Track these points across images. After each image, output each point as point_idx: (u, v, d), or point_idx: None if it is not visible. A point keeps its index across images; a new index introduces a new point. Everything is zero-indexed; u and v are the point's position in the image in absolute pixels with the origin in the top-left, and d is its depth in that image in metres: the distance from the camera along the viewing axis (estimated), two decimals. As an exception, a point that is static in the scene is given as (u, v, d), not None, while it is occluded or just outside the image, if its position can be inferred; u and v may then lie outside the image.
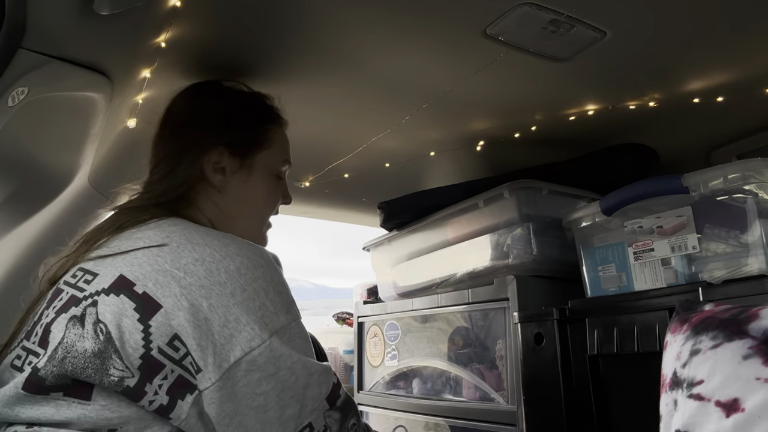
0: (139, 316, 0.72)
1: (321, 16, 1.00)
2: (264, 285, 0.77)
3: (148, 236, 0.80)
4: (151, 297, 0.73)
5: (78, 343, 0.72)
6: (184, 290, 0.73)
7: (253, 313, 0.75)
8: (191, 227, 0.83)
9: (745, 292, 0.89)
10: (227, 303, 0.74)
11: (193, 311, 0.72)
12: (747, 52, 1.13)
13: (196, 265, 0.75)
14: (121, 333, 0.72)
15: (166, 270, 0.75)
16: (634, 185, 1.10)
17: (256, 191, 1.01)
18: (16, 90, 0.78)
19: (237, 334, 0.73)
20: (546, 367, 1.13)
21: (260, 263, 0.79)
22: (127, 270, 0.76)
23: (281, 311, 0.78)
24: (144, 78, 1.09)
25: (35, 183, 1.17)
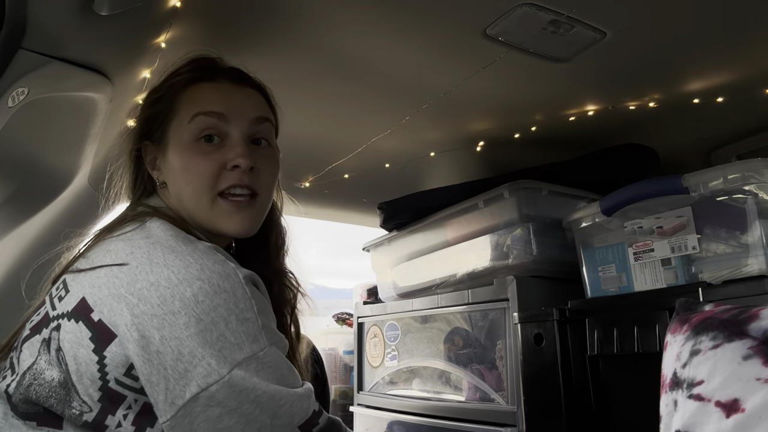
0: (94, 347, 0.69)
1: (321, 16, 1.00)
2: (224, 314, 0.69)
3: (116, 250, 0.75)
4: (106, 325, 0.69)
5: (46, 372, 0.70)
6: (136, 319, 0.68)
7: (210, 346, 0.68)
8: (161, 240, 0.76)
9: (745, 293, 0.89)
10: (180, 335, 0.67)
11: (143, 344, 0.67)
12: (747, 53, 1.13)
13: (150, 290, 0.69)
14: (77, 365, 0.69)
15: (120, 295, 0.69)
16: (634, 186, 1.10)
17: (174, 167, 0.86)
18: (16, 90, 0.78)
19: (192, 369, 0.67)
20: (546, 368, 1.13)
21: (223, 288, 0.70)
22: (89, 292, 0.72)
23: (246, 341, 0.70)
24: (144, 78, 1.09)
25: (35, 183, 1.17)
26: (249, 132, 0.88)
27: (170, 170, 0.87)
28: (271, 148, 0.93)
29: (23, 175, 1.14)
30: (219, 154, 0.85)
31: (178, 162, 0.86)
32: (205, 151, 0.85)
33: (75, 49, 0.85)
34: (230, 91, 0.89)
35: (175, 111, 0.87)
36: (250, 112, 0.89)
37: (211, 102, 0.86)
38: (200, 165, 0.84)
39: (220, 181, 0.85)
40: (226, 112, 0.86)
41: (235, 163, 0.84)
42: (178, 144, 0.86)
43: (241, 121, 0.87)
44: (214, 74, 0.90)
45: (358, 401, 1.78)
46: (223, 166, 0.85)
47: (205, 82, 0.89)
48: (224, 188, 0.85)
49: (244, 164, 0.84)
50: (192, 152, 0.85)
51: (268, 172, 0.90)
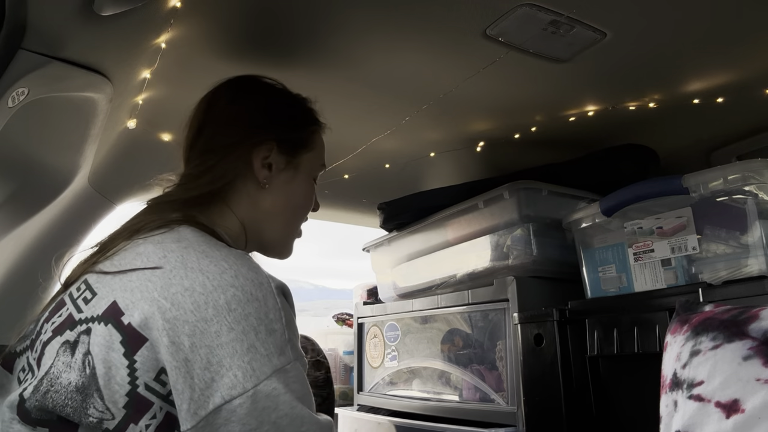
0: (125, 350, 0.67)
1: (321, 17, 1.00)
2: (255, 323, 0.69)
3: (147, 253, 0.74)
4: (137, 330, 0.68)
5: (63, 375, 0.68)
6: (167, 324, 0.67)
7: (239, 357, 0.67)
8: (193, 245, 0.75)
9: (745, 293, 0.89)
10: (211, 343, 0.66)
11: (173, 350, 0.66)
12: (747, 53, 1.13)
13: (185, 295, 0.68)
14: (107, 368, 0.67)
15: (153, 299, 0.69)
16: (634, 186, 1.10)
17: (298, 192, 0.97)
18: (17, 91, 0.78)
19: (218, 378, 0.66)
20: (546, 368, 1.13)
21: (255, 296, 0.70)
22: (120, 296, 0.71)
23: (274, 353, 0.69)
24: (144, 79, 1.09)
25: (35, 183, 1.17)
26: None
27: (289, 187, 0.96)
28: None
29: (23, 175, 1.14)
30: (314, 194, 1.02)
31: (303, 189, 0.98)
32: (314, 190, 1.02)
33: (75, 50, 0.85)
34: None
35: (312, 144, 0.99)
36: None
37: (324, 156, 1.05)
38: (311, 201, 1.01)
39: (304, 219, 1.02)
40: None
41: (315, 207, 1.04)
42: (308, 174, 0.99)
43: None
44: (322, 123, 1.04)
45: (358, 402, 1.78)
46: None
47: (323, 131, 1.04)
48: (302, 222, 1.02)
49: (317, 209, 1.05)
50: (312, 190, 1.01)
51: None
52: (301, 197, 0.98)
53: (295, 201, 0.97)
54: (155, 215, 0.83)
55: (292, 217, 0.98)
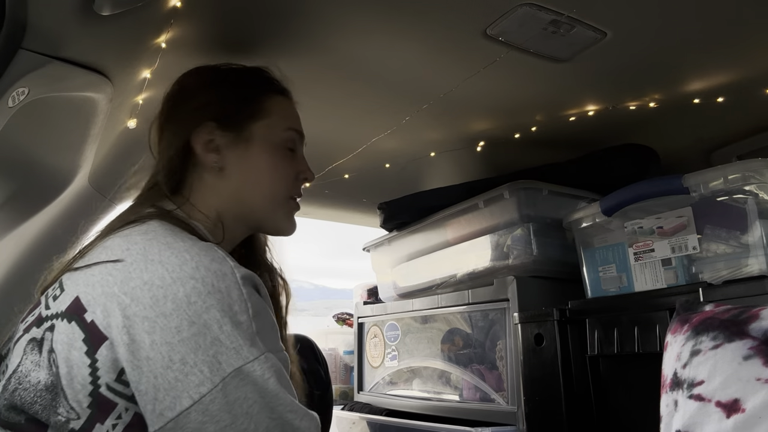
0: (87, 349, 0.65)
1: (321, 17, 1.00)
2: (218, 315, 0.65)
3: (113, 247, 0.72)
4: (98, 327, 0.66)
5: (32, 373, 0.67)
6: (127, 321, 0.64)
7: (203, 352, 0.64)
8: (159, 237, 0.73)
9: (746, 293, 0.89)
10: (171, 340, 0.63)
11: (133, 348, 0.64)
12: (747, 53, 1.13)
13: (143, 290, 0.66)
14: (69, 368, 0.65)
15: (113, 294, 0.66)
16: (635, 186, 1.10)
17: (259, 165, 0.91)
18: (17, 90, 0.78)
19: (183, 378, 0.63)
20: (546, 368, 1.13)
21: (217, 288, 0.67)
22: (83, 290, 0.69)
23: (243, 346, 0.66)
24: (144, 78, 1.09)
25: (35, 183, 1.17)
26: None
27: (247, 163, 0.90)
28: None
29: (23, 176, 1.14)
30: (295, 163, 0.96)
31: (265, 160, 0.91)
32: (289, 157, 0.95)
33: (75, 49, 0.85)
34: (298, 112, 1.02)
35: (263, 112, 0.93)
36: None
37: (296, 120, 0.99)
38: (286, 169, 0.94)
39: (292, 187, 0.95)
40: (301, 132, 0.99)
41: (306, 176, 0.97)
42: (268, 143, 0.92)
43: (302, 141, 1.01)
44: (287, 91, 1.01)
45: (358, 401, 1.78)
46: (296, 176, 0.96)
47: (285, 97, 0.99)
48: (293, 194, 0.96)
49: (311, 178, 0.98)
50: (281, 156, 0.93)
51: None
52: (265, 170, 0.91)
53: (259, 175, 0.91)
54: (130, 212, 0.83)
55: (267, 191, 0.91)
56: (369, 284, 2.14)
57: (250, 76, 0.97)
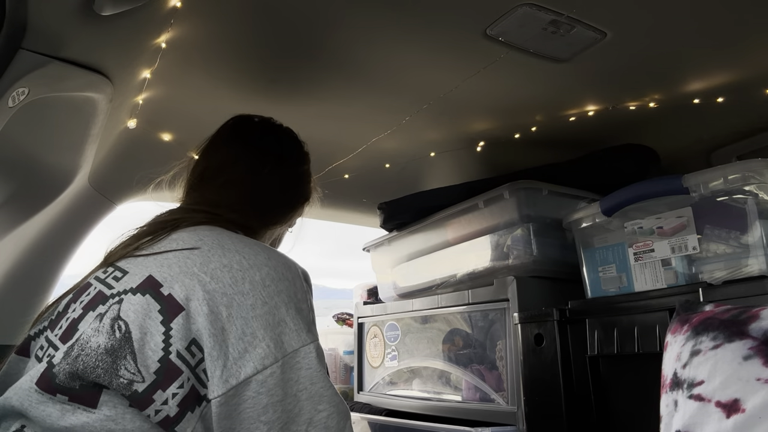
0: (162, 318, 0.71)
1: (321, 17, 1.00)
2: (286, 299, 0.75)
3: (182, 239, 0.80)
4: (175, 299, 0.72)
5: (93, 339, 0.70)
6: (207, 295, 0.72)
7: (271, 329, 0.72)
8: (225, 233, 0.83)
9: (746, 293, 0.89)
10: (247, 315, 0.72)
11: (211, 318, 0.71)
12: (747, 53, 1.13)
13: (223, 271, 0.74)
14: (143, 334, 0.70)
15: (193, 273, 0.74)
16: (635, 186, 1.10)
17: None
18: (17, 90, 0.78)
19: (252, 349, 0.71)
20: (546, 368, 1.13)
21: (286, 276, 0.77)
22: (156, 271, 0.75)
23: (303, 329, 0.75)
24: (144, 78, 1.09)
25: (36, 183, 1.17)
26: None
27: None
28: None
29: (23, 175, 1.14)
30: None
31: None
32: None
33: (75, 50, 0.85)
34: None
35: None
36: None
37: None
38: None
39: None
40: None
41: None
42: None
43: None
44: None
45: (358, 401, 1.78)
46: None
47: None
48: None
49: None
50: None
51: None
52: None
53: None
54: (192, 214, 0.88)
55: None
56: (369, 284, 2.14)
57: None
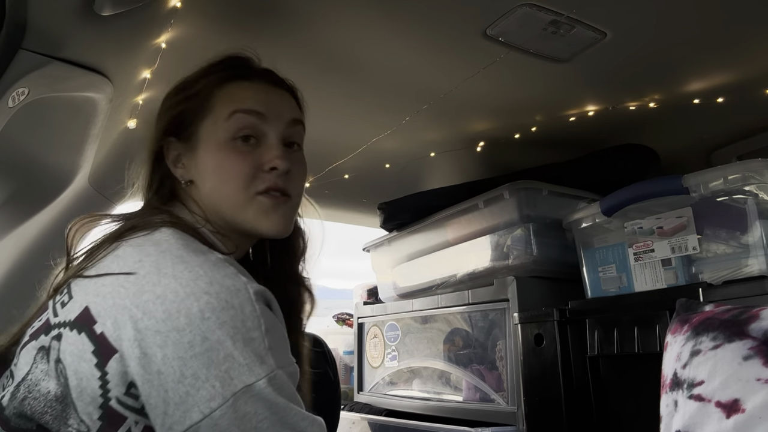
0: (97, 361, 0.64)
1: (321, 17, 1.00)
2: (231, 332, 0.64)
3: (125, 257, 0.71)
4: (108, 340, 0.65)
5: (42, 383, 0.66)
6: (139, 335, 0.63)
7: (215, 367, 0.63)
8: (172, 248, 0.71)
9: (746, 293, 0.89)
10: (184, 354, 0.63)
11: (144, 362, 0.63)
12: (747, 53, 1.13)
13: (156, 304, 0.65)
14: (79, 380, 0.65)
15: (125, 307, 0.65)
16: (635, 186, 1.10)
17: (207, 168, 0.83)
18: (17, 91, 0.78)
19: (194, 392, 0.62)
20: (546, 368, 1.13)
21: (231, 304, 0.66)
22: (93, 300, 0.68)
23: (255, 362, 0.65)
24: (144, 78, 1.09)
25: (36, 183, 1.17)
26: (285, 134, 0.86)
27: (202, 169, 0.83)
28: (302, 152, 0.91)
29: (23, 175, 1.14)
30: (256, 154, 0.82)
31: (212, 161, 0.82)
32: (242, 150, 0.82)
33: (75, 50, 0.85)
34: (267, 92, 0.87)
35: (209, 108, 0.84)
36: (286, 113, 0.87)
37: (251, 101, 0.84)
38: (238, 165, 0.81)
39: (257, 182, 0.82)
40: (264, 112, 0.84)
41: (273, 165, 0.82)
42: (213, 142, 0.83)
43: (279, 123, 0.85)
44: (250, 73, 0.88)
45: (358, 401, 1.78)
46: (260, 167, 0.82)
47: (243, 81, 0.86)
48: (261, 190, 0.82)
49: (282, 167, 0.82)
50: (229, 151, 0.82)
51: (300, 176, 0.88)
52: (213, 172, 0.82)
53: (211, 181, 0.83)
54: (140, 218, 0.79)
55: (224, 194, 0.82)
56: (369, 284, 2.14)
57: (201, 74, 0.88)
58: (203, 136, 0.83)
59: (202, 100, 0.84)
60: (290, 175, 0.85)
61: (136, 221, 0.78)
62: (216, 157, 0.82)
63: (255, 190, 0.82)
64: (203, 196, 0.83)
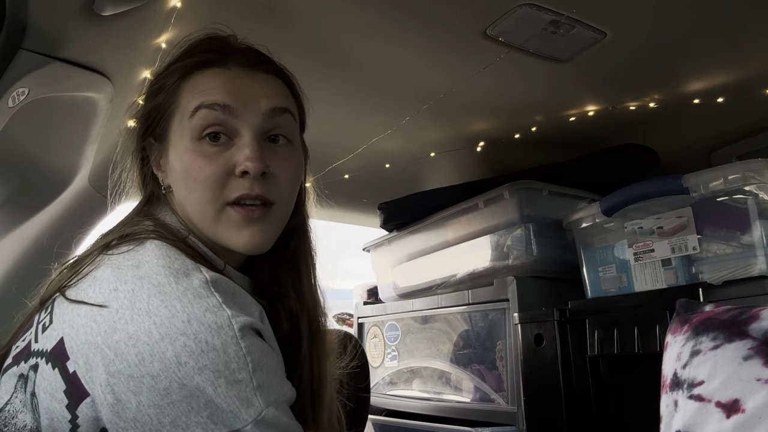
0: (68, 402, 0.59)
1: (321, 17, 1.00)
2: (212, 377, 0.58)
3: (101, 281, 0.64)
4: (80, 381, 0.59)
5: (19, 415, 0.62)
6: (112, 379, 0.58)
7: (195, 414, 0.57)
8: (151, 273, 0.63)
9: (746, 293, 0.89)
10: (160, 402, 0.57)
11: (117, 409, 0.57)
12: (747, 54, 1.13)
13: (128, 344, 0.58)
14: (50, 419, 0.60)
15: (97, 345, 0.59)
16: (635, 186, 1.10)
17: (176, 170, 0.73)
18: (17, 90, 0.78)
19: None
20: (546, 368, 1.13)
21: (211, 346, 0.59)
22: (68, 333, 0.62)
23: (240, 407, 0.58)
24: (144, 79, 1.09)
25: (36, 183, 1.17)
26: (263, 127, 0.73)
27: (172, 175, 0.74)
28: (292, 145, 0.78)
29: (23, 175, 1.14)
30: (225, 156, 0.71)
31: (178, 165, 0.72)
32: (209, 153, 0.71)
33: (75, 50, 0.85)
34: (240, 78, 0.74)
35: (176, 103, 0.74)
36: (263, 102, 0.73)
37: (216, 91, 0.72)
38: (203, 170, 0.70)
39: (227, 190, 0.71)
40: (233, 104, 0.71)
41: (243, 169, 0.70)
42: (180, 143, 0.72)
43: (252, 115, 0.72)
44: (223, 58, 0.76)
45: (358, 401, 1.78)
46: (231, 172, 0.71)
47: (212, 68, 0.75)
48: (232, 199, 0.71)
49: (254, 169, 0.70)
50: (194, 154, 0.71)
51: (287, 178, 0.75)
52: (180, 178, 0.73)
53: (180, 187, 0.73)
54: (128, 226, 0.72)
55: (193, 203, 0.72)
56: (369, 284, 2.14)
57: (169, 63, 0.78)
58: (173, 136, 0.74)
59: (169, 95, 0.75)
60: (271, 177, 0.73)
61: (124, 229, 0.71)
62: (182, 161, 0.72)
63: (224, 200, 0.71)
64: (177, 204, 0.75)
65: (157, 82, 0.78)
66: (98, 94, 0.97)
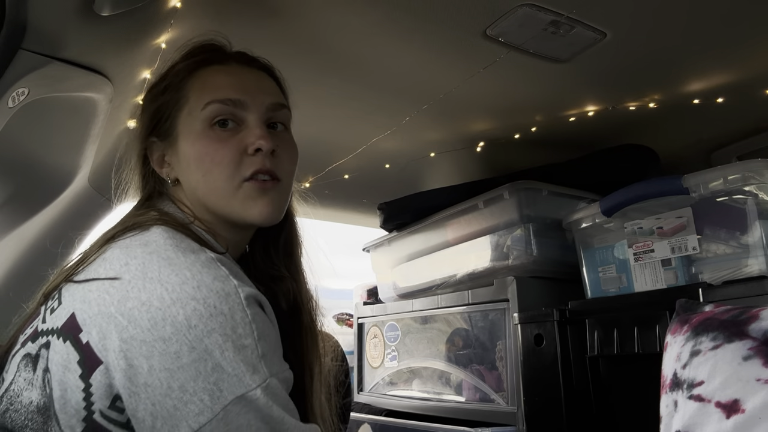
0: (81, 372, 0.62)
1: (321, 17, 1.00)
2: (220, 340, 0.61)
3: (111, 260, 0.68)
4: (93, 350, 0.62)
5: (24, 393, 0.64)
6: (125, 345, 0.60)
7: (203, 379, 0.60)
8: (160, 249, 0.67)
9: (745, 293, 0.89)
10: (171, 366, 0.59)
11: (130, 374, 0.60)
12: (747, 54, 1.13)
13: (141, 310, 0.61)
14: (63, 391, 0.62)
15: (110, 314, 0.62)
16: (634, 186, 1.10)
17: (189, 161, 0.79)
18: (17, 91, 0.78)
19: (182, 406, 0.59)
20: (546, 369, 1.13)
21: (219, 310, 0.62)
22: (79, 307, 0.65)
23: (245, 372, 0.61)
24: (144, 79, 1.09)
25: (35, 184, 1.17)
26: (266, 116, 0.81)
27: (184, 163, 0.80)
28: (289, 132, 0.87)
29: (23, 176, 1.14)
30: (237, 138, 0.78)
31: (191, 152, 0.78)
32: (221, 137, 0.78)
33: (75, 50, 0.85)
34: (241, 74, 0.83)
35: (184, 98, 0.80)
36: (266, 98, 0.82)
37: (225, 89, 0.79)
38: (219, 152, 0.77)
39: (243, 167, 0.77)
40: (241, 98, 0.79)
41: (257, 146, 0.77)
42: (191, 133, 0.79)
43: (258, 107, 0.80)
44: (223, 56, 0.84)
45: (358, 401, 1.78)
46: (244, 151, 0.77)
47: (215, 65, 0.82)
48: (248, 175, 0.77)
49: (266, 147, 0.77)
50: (207, 139, 0.78)
51: (289, 157, 0.83)
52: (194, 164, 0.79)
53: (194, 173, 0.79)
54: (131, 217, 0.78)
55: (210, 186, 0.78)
56: (369, 284, 2.14)
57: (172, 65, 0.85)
58: (182, 129, 0.80)
59: (176, 91, 0.81)
60: (277, 156, 0.80)
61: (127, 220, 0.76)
62: (196, 147, 0.78)
63: (241, 177, 0.77)
64: (189, 192, 0.80)
65: (161, 82, 0.84)
66: (98, 95, 0.97)
